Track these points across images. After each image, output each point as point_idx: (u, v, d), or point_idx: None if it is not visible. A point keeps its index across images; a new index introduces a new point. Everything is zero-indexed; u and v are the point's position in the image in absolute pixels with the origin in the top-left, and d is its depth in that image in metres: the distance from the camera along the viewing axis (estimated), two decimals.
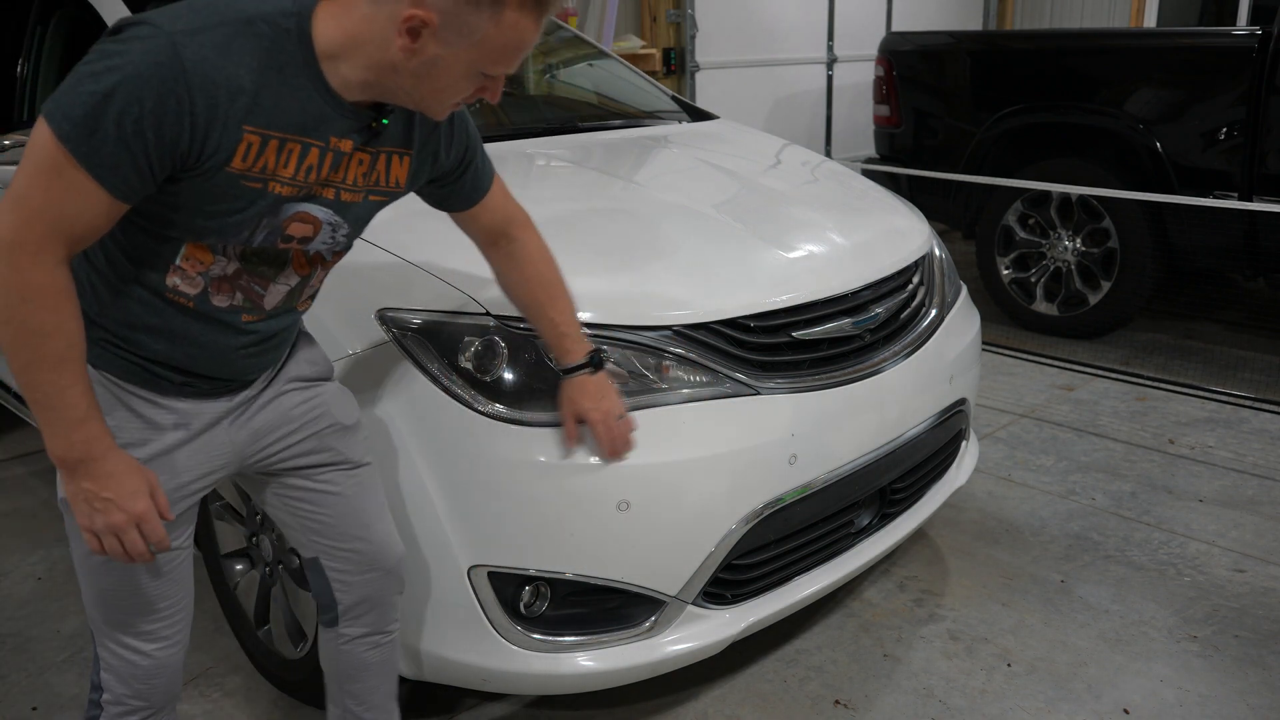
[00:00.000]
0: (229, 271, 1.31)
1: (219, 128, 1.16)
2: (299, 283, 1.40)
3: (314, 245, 1.36)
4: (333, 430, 1.56)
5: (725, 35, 6.23)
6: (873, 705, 2.16)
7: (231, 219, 1.24)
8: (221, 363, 1.39)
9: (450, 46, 1.18)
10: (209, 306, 1.33)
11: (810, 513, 2.00)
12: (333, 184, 1.31)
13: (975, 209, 4.80)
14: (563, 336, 1.68)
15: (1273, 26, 3.83)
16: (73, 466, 1.23)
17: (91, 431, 1.23)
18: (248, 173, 1.21)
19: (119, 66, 1.10)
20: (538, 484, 1.73)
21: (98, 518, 1.25)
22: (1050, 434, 3.54)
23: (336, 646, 1.70)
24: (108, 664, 1.47)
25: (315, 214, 1.31)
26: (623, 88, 3.33)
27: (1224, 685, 2.19)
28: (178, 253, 1.27)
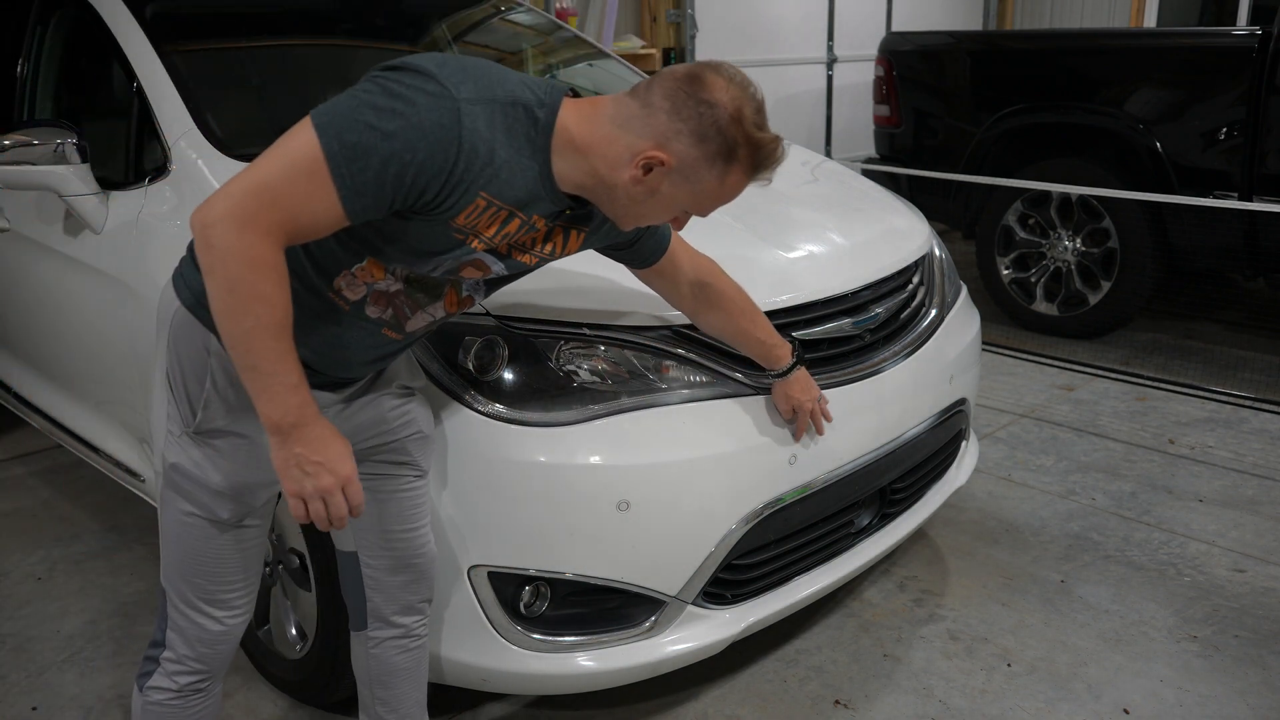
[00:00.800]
0: (390, 290, 1.40)
1: (463, 188, 1.25)
2: (443, 316, 1.48)
3: (461, 288, 1.45)
4: (415, 438, 1.63)
5: (725, 35, 6.23)
6: (873, 705, 2.16)
7: (429, 258, 1.35)
8: (346, 364, 1.47)
9: (675, 188, 1.32)
10: (361, 314, 1.41)
11: (810, 513, 2.00)
12: (514, 245, 1.40)
13: (975, 209, 4.80)
14: (771, 349, 1.86)
15: (1273, 26, 3.83)
16: (287, 431, 1.27)
17: (305, 397, 1.28)
18: (462, 228, 1.31)
19: (405, 114, 1.20)
20: (538, 484, 1.74)
21: (308, 482, 1.28)
22: (1050, 434, 3.54)
23: (366, 650, 1.73)
24: (177, 625, 1.53)
25: (488, 263, 1.41)
26: (623, 88, 3.32)
27: (1224, 685, 2.19)
28: (356, 262, 1.36)
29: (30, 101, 2.88)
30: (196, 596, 1.50)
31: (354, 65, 3.02)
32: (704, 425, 1.84)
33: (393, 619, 1.70)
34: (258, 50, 2.69)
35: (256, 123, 2.55)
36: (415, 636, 1.73)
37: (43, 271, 2.63)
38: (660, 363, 1.86)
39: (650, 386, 1.83)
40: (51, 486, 3.29)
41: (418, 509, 1.67)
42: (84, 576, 2.73)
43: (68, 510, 3.12)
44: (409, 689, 1.76)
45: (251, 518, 1.50)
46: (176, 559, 1.49)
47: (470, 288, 1.47)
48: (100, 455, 2.64)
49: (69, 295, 2.51)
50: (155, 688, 1.54)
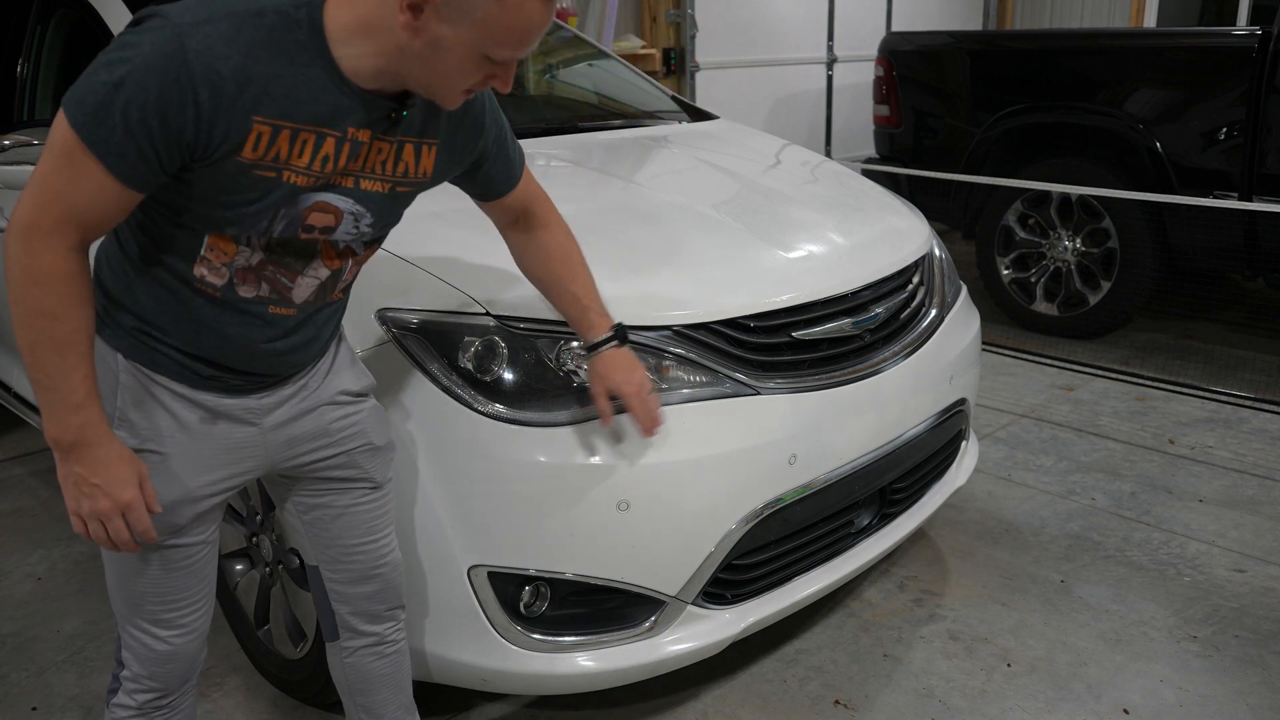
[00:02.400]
0: (253, 263, 1.31)
1: (224, 118, 1.17)
2: (329, 276, 1.39)
3: (338, 236, 1.34)
4: (364, 450, 1.56)
5: (725, 35, 6.23)
6: (873, 705, 2.16)
7: (248, 209, 1.24)
8: (248, 356, 1.38)
9: (453, 25, 1.17)
10: (235, 297, 1.33)
11: (810, 513, 2.00)
12: (351, 173, 1.30)
13: (975, 209, 4.80)
14: (586, 310, 1.67)
15: (1273, 26, 3.82)
16: (66, 450, 1.25)
17: (88, 416, 1.24)
18: (260, 162, 1.21)
19: (130, 58, 1.13)
20: (538, 484, 1.73)
21: (85, 502, 1.27)
22: (1050, 434, 3.54)
23: (341, 660, 1.70)
24: (127, 644, 1.51)
25: (335, 204, 1.30)
26: (623, 88, 3.33)
27: (1224, 685, 2.19)
28: (201, 243, 1.28)
29: (30, 101, 2.88)
30: (139, 618, 1.48)
31: None
32: (704, 425, 1.84)
33: (362, 628, 1.66)
34: None
35: None
36: (390, 642, 1.69)
37: None
38: (660, 363, 1.86)
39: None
40: (51, 486, 3.29)
41: (377, 521, 1.61)
42: (84, 576, 2.73)
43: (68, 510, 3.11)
44: (390, 694, 1.73)
45: (183, 536, 1.43)
46: (116, 581, 1.46)
47: (347, 237, 1.36)
48: None
49: None
50: (119, 705, 1.53)
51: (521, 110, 3.23)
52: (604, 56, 3.49)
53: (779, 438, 1.90)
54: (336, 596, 1.64)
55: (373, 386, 1.61)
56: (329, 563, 1.62)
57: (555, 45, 3.49)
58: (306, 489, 1.57)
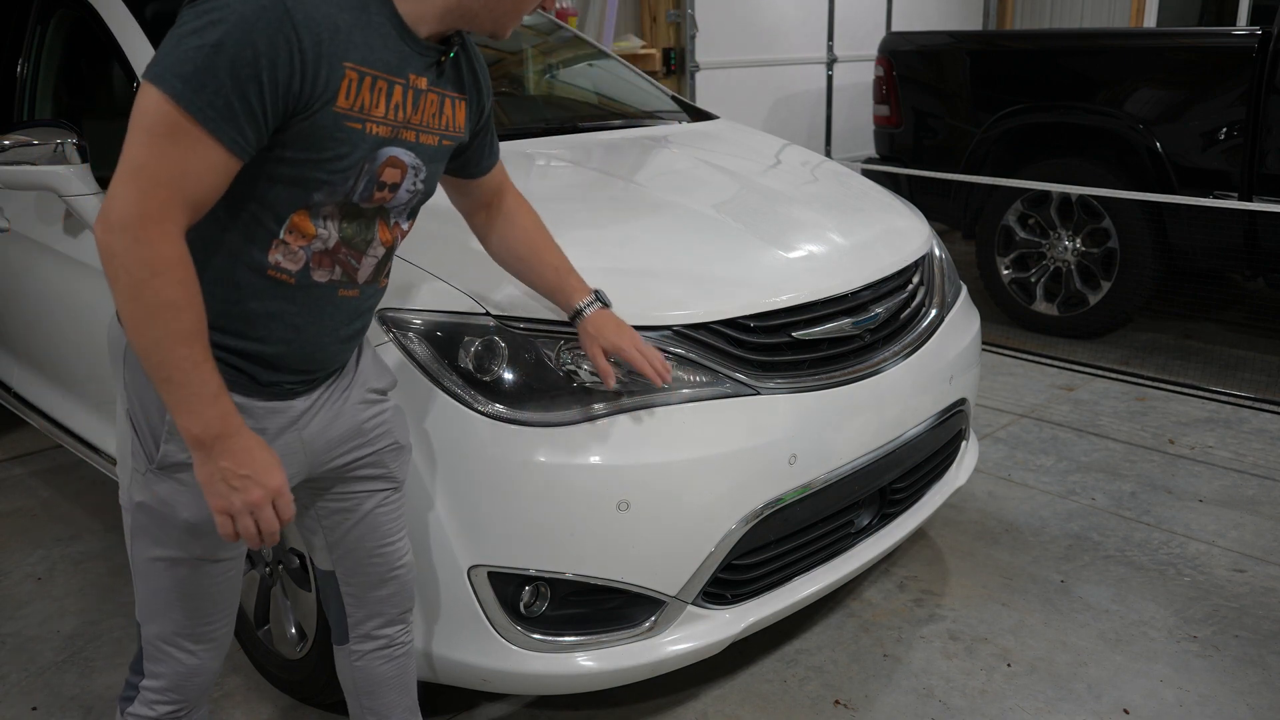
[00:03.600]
0: (330, 245, 1.32)
1: (325, 65, 1.18)
2: (385, 254, 1.42)
3: (399, 196, 1.36)
4: (391, 449, 1.56)
5: (725, 35, 6.23)
6: (873, 705, 2.16)
7: (339, 165, 1.25)
8: (314, 347, 1.38)
9: None
10: (309, 281, 1.33)
11: (810, 513, 2.00)
12: (413, 126, 1.33)
13: (975, 209, 4.80)
14: (566, 277, 1.71)
15: (1273, 26, 3.83)
16: (209, 444, 1.21)
17: (226, 406, 1.22)
18: (349, 112, 1.23)
19: (223, 19, 1.12)
20: (538, 484, 1.73)
21: (236, 496, 1.22)
22: (1050, 434, 3.54)
23: (350, 663, 1.70)
24: (153, 658, 1.48)
25: (402, 158, 1.33)
26: (623, 88, 3.33)
27: (1224, 685, 2.19)
28: (282, 224, 1.27)
29: (30, 101, 2.88)
30: (173, 634, 1.46)
31: None
32: (704, 425, 1.84)
33: (375, 632, 1.66)
34: None
35: None
36: (399, 644, 1.69)
37: (43, 271, 2.63)
38: None
39: (650, 386, 1.83)
40: (51, 486, 3.29)
41: (395, 522, 1.61)
42: (84, 576, 2.73)
43: (68, 510, 3.12)
44: (397, 696, 1.73)
45: (225, 551, 1.42)
46: (150, 599, 1.44)
47: (396, 212, 1.39)
48: (100, 455, 2.64)
49: (69, 295, 2.51)
50: (135, 714, 1.51)
51: (521, 110, 3.23)
52: (604, 56, 3.49)
53: (779, 438, 1.90)
54: (353, 601, 1.63)
55: (394, 384, 1.62)
56: (348, 569, 1.61)
57: (555, 45, 3.49)
58: (331, 495, 1.55)
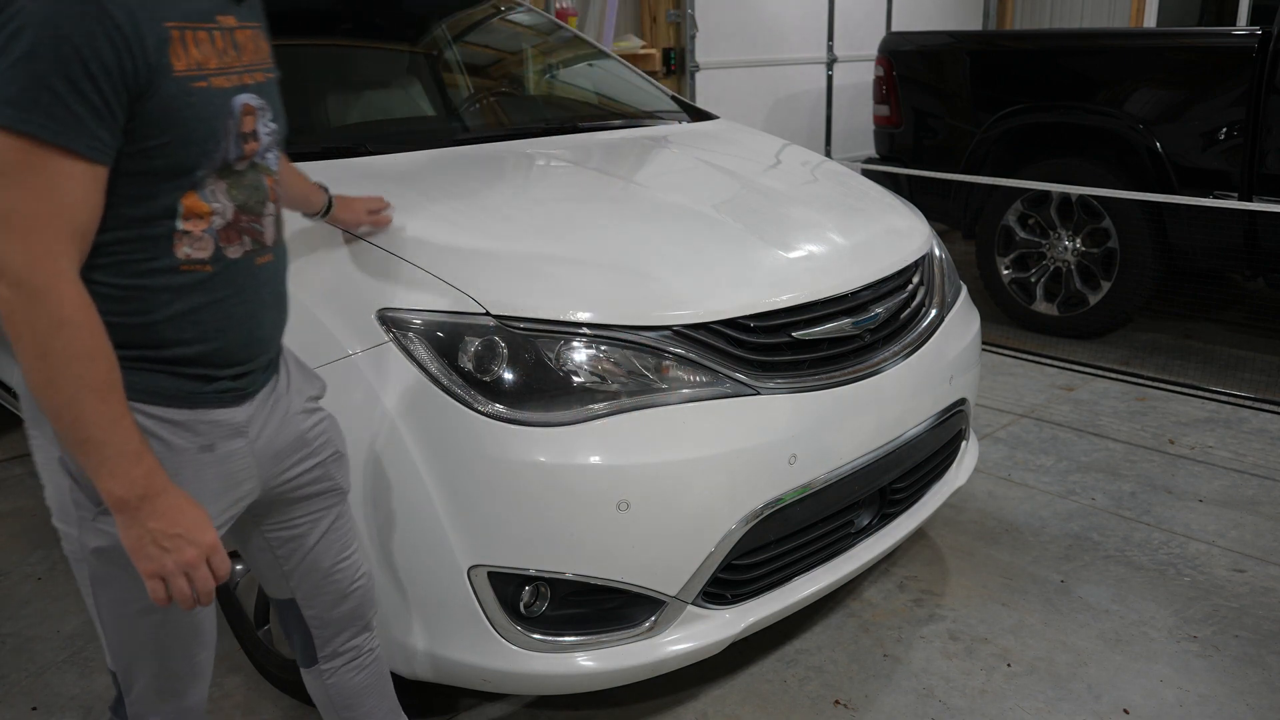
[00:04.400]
0: (229, 216, 1.25)
1: (147, 32, 1.10)
2: (275, 209, 1.35)
3: (262, 141, 1.29)
4: (334, 458, 1.52)
5: (725, 35, 6.23)
6: (873, 705, 2.16)
7: (204, 132, 1.18)
8: (251, 326, 1.31)
9: None
10: (225, 262, 1.26)
11: (810, 513, 2.00)
12: (247, 68, 1.27)
13: (975, 209, 4.80)
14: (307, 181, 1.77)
15: (1273, 26, 3.83)
16: (136, 506, 1.14)
17: (150, 464, 1.15)
18: (189, 73, 1.16)
19: (23, 24, 1.03)
20: (538, 484, 1.73)
21: (168, 558, 1.16)
22: (1050, 434, 3.54)
23: (322, 682, 1.66)
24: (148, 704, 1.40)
25: (251, 102, 1.26)
26: (623, 88, 3.33)
27: (1224, 685, 2.19)
28: (175, 214, 1.19)
29: None
30: (166, 680, 1.37)
31: (354, 65, 3.02)
32: (704, 425, 1.84)
33: (342, 648, 1.62)
34: None
35: None
36: (368, 652, 1.66)
37: None
38: (660, 363, 1.86)
39: (650, 386, 1.83)
40: None
41: (348, 536, 1.57)
42: None
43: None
44: (375, 702, 1.69)
45: None
46: (130, 652, 1.35)
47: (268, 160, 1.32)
48: None
49: None
50: None
51: (521, 110, 3.23)
52: (604, 56, 3.49)
53: (779, 438, 1.90)
54: (317, 623, 1.59)
55: (325, 390, 1.56)
56: (307, 593, 1.56)
57: (555, 45, 3.49)
58: (281, 523, 1.50)
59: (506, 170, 2.49)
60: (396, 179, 2.26)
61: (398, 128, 2.90)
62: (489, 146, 2.65)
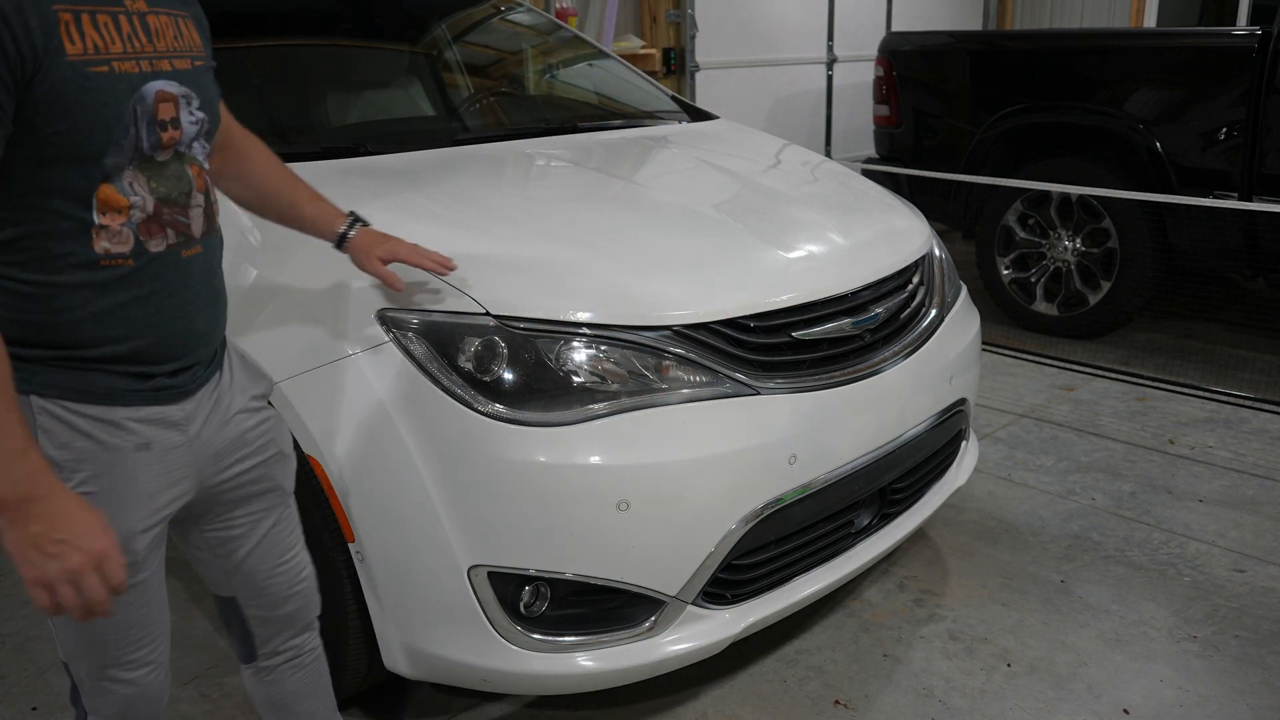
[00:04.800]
0: (149, 210, 1.23)
1: (31, 14, 1.09)
2: (204, 200, 1.32)
3: (185, 131, 1.27)
4: (276, 458, 1.49)
5: (725, 35, 6.23)
6: (873, 705, 2.16)
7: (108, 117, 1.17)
8: (182, 322, 1.29)
9: None
10: (148, 256, 1.23)
11: (810, 513, 2.00)
12: (161, 53, 1.24)
13: (975, 209, 4.80)
14: (321, 201, 1.68)
15: (1273, 26, 3.83)
16: (15, 508, 1.09)
17: (34, 464, 1.11)
18: (86, 57, 1.14)
19: None
20: (538, 484, 1.73)
21: (51, 565, 1.11)
22: (1050, 434, 3.54)
23: (260, 680, 1.64)
24: (91, 694, 1.40)
25: (168, 89, 1.23)
26: (623, 88, 3.33)
27: (1224, 685, 2.19)
28: (91, 207, 1.18)
29: None
30: (102, 667, 1.36)
31: (354, 66, 3.02)
32: (704, 425, 1.84)
33: (281, 647, 1.60)
34: (256, 51, 2.69)
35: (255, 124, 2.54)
36: (309, 651, 1.64)
37: None
38: (660, 363, 1.86)
39: (650, 386, 1.83)
40: None
41: (291, 536, 1.55)
42: None
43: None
44: (314, 702, 1.68)
45: (138, 572, 1.32)
46: (68, 637, 1.34)
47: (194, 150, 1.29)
48: None
49: None
50: None
51: (522, 110, 3.23)
52: (604, 56, 3.49)
53: (779, 438, 1.90)
54: (258, 622, 1.57)
55: (272, 388, 1.54)
56: (249, 593, 1.54)
57: (555, 45, 3.49)
58: (221, 522, 1.48)
59: (506, 170, 2.49)
60: (396, 179, 2.26)
61: (398, 127, 2.90)
62: (489, 146, 2.66)
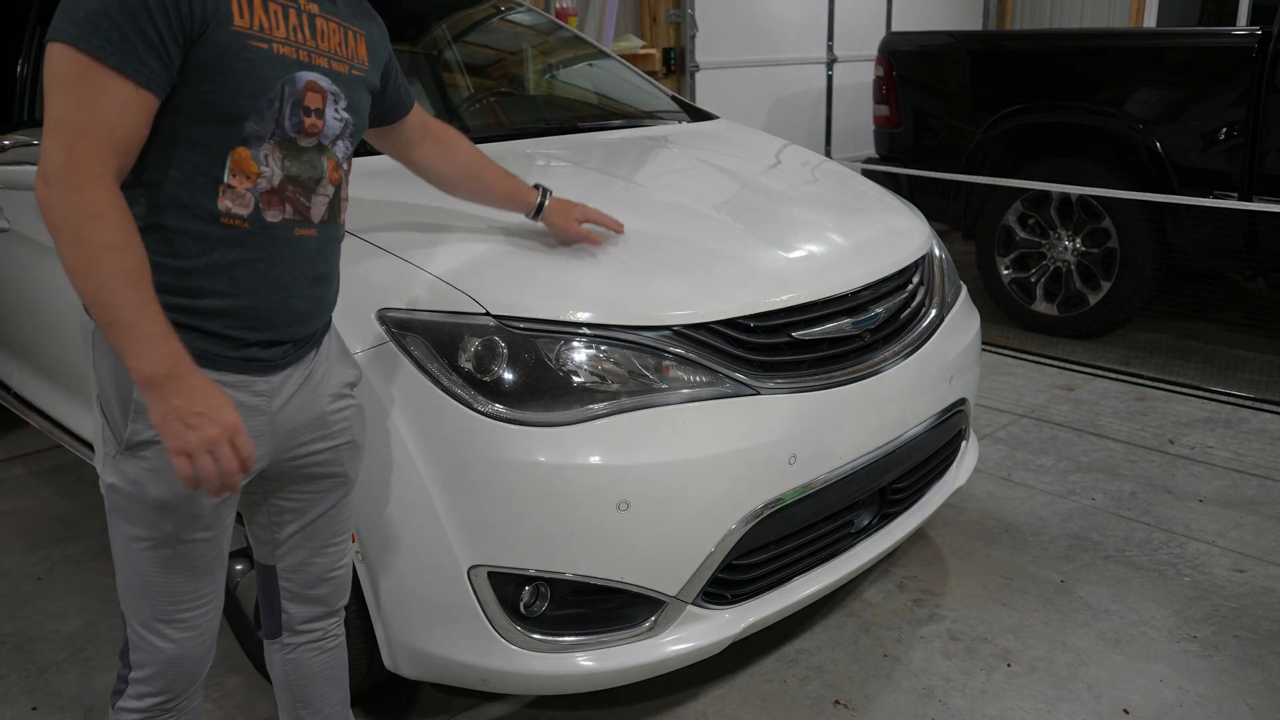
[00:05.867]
0: (275, 183, 1.33)
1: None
2: (334, 192, 1.43)
3: (329, 124, 1.38)
4: (348, 446, 1.56)
5: (725, 35, 6.23)
6: (873, 705, 2.16)
7: (257, 87, 1.28)
8: (284, 293, 1.38)
9: None
10: (263, 223, 1.34)
11: (810, 513, 2.00)
12: (322, 52, 1.37)
13: (975, 209, 4.80)
14: (518, 184, 1.92)
15: (1273, 26, 3.83)
16: (162, 384, 1.22)
17: (175, 346, 1.24)
18: (250, 32, 1.27)
19: None
20: (538, 484, 1.73)
21: (192, 434, 1.23)
22: (1050, 434, 3.54)
23: (282, 656, 1.68)
24: (137, 646, 1.48)
25: (320, 83, 1.36)
26: (623, 88, 3.33)
27: (1224, 685, 2.19)
28: (225, 167, 1.29)
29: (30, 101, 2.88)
30: (151, 618, 1.45)
31: None
32: (704, 425, 1.84)
33: (308, 627, 1.66)
34: None
35: None
36: (332, 636, 1.70)
37: (43, 272, 2.62)
38: (660, 363, 1.86)
39: (650, 386, 1.83)
40: (51, 486, 3.29)
41: (343, 523, 1.62)
42: (84, 576, 2.73)
43: (68, 510, 3.12)
44: (329, 689, 1.72)
45: (200, 530, 1.41)
46: (129, 582, 1.44)
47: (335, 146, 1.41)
48: None
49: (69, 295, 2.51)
50: (124, 709, 1.50)
51: (521, 110, 3.23)
52: (604, 56, 3.49)
53: (779, 438, 1.90)
54: (290, 596, 1.63)
55: (360, 378, 1.61)
56: (290, 566, 1.60)
57: (555, 45, 3.49)
58: (285, 494, 1.55)
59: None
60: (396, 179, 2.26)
61: None
62: (489, 146, 2.63)
